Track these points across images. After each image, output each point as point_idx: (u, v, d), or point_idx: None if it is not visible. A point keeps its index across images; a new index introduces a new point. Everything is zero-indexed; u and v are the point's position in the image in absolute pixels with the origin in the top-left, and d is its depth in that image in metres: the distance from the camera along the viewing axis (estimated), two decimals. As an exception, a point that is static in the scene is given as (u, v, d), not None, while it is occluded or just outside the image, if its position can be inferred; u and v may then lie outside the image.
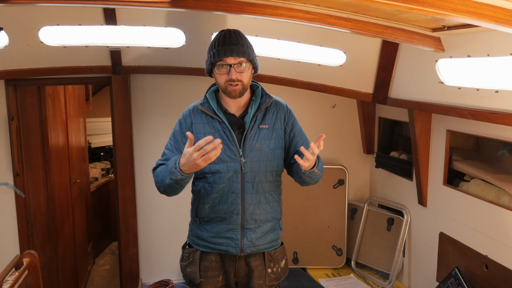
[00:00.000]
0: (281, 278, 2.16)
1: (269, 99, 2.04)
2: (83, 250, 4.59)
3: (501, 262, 2.23)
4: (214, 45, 1.94)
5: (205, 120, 2.02)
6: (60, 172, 3.84)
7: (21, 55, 2.85)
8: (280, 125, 2.07)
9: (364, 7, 1.82)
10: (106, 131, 5.79)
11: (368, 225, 3.53)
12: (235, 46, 1.90)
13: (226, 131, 1.98)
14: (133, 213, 3.54)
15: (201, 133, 2.00)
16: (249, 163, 1.99)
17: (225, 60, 1.91)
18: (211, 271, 2.08)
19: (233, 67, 1.91)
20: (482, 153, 2.89)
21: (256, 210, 2.01)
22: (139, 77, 3.45)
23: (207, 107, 2.01)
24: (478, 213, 2.41)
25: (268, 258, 2.11)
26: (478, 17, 1.27)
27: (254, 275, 2.08)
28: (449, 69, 2.22)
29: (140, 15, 2.58)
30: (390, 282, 3.24)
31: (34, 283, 2.27)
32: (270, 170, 2.05)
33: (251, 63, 1.98)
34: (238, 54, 1.90)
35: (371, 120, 3.59)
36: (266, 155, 2.02)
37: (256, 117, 2.02)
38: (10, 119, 3.25)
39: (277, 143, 2.05)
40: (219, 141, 1.72)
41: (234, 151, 1.98)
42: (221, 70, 1.93)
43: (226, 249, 2.03)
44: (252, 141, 2.00)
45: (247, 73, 1.96)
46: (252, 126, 2.00)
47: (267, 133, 2.03)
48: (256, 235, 2.03)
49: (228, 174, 1.98)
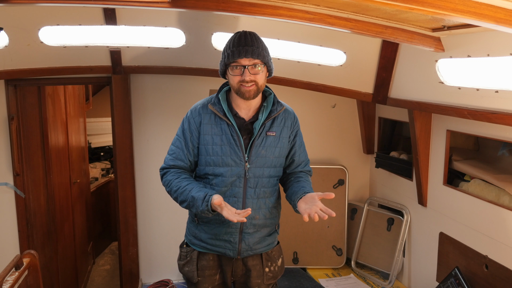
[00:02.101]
0: (278, 277, 2.17)
1: (281, 107, 2.02)
2: (83, 250, 4.59)
3: (501, 262, 2.23)
4: (229, 46, 1.91)
5: (214, 121, 1.99)
6: (60, 172, 3.84)
7: (21, 55, 2.85)
8: (286, 134, 2.05)
9: (364, 7, 1.82)
10: (106, 131, 5.80)
11: (368, 225, 3.53)
12: (250, 47, 1.87)
13: (234, 135, 1.96)
14: (133, 213, 3.54)
15: (208, 134, 1.98)
16: (253, 169, 1.98)
17: (239, 61, 1.88)
18: (208, 270, 2.09)
19: (247, 69, 1.88)
20: (482, 153, 2.89)
21: (256, 216, 2.01)
22: (139, 77, 3.45)
23: (218, 108, 1.98)
24: (478, 213, 2.41)
25: (266, 258, 2.11)
26: (478, 17, 1.27)
27: (252, 275, 2.09)
28: (449, 69, 2.22)
29: (140, 15, 2.58)
30: (390, 282, 3.24)
31: (34, 283, 2.27)
32: (272, 176, 2.05)
33: (266, 66, 1.95)
34: (253, 56, 1.87)
35: (371, 120, 3.59)
36: (270, 162, 2.02)
37: (265, 124, 2.00)
38: (10, 119, 3.25)
39: (282, 151, 2.05)
40: (249, 212, 1.77)
41: (240, 156, 1.96)
42: (235, 71, 1.90)
43: (223, 251, 2.04)
44: (258, 147, 1.98)
45: (261, 75, 1.93)
46: (260, 132, 1.98)
47: (274, 141, 2.01)
48: (254, 239, 2.04)
49: (231, 179, 1.97)
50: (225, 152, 1.96)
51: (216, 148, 1.97)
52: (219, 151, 1.96)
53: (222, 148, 1.96)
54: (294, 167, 2.14)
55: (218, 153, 1.97)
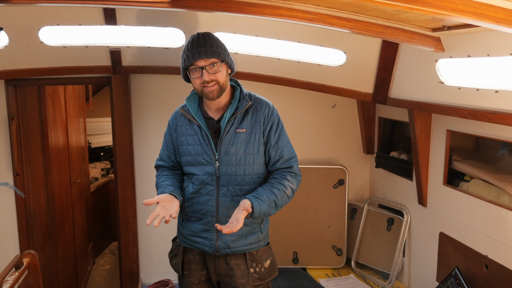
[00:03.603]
0: (266, 279, 2.11)
1: (246, 102, 1.99)
2: (83, 250, 4.59)
3: (501, 262, 2.23)
4: (185, 50, 1.95)
5: (187, 123, 2.07)
6: (60, 172, 3.84)
7: (21, 55, 2.85)
8: (258, 129, 2.01)
9: (364, 7, 1.82)
10: (106, 131, 5.80)
11: (368, 225, 3.54)
12: (203, 48, 1.89)
13: (204, 135, 2.02)
14: (133, 213, 3.54)
15: (184, 136, 2.07)
16: (224, 167, 1.99)
17: (196, 63, 1.91)
18: (194, 265, 2.14)
19: (205, 69, 1.90)
20: (482, 153, 2.89)
21: (230, 214, 1.98)
22: (139, 77, 3.45)
23: (187, 111, 2.05)
24: (478, 213, 2.41)
25: (250, 258, 2.08)
26: (478, 17, 1.27)
27: (236, 274, 2.07)
28: (449, 69, 2.22)
29: (140, 15, 2.58)
30: (390, 282, 3.24)
31: (34, 283, 2.27)
32: (248, 174, 2.02)
33: (225, 63, 1.96)
34: (207, 56, 1.89)
35: (371, 120, 3.59)
36: (242, 159, 1.99)
37: (233, 120, 1.99)
38: (10, 119, 3.25)
39: (254, 147, 2.00)
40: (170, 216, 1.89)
41: (209, 154, 2.00)
42: (194, 74, 1.93)
43: (202, 247, 2.08)
44: (227, 145, 1.99)
45: (221, 73, 1.94)
46: (228, 130, 1.98)
47: (244, 138, 1.99)
48: (231, 237, 2.02)
49: (203, 177, 2.02)
50: (198, 152, 2.03)
51: (190, 148, 2.05)
52: (192, 151, 2.04)
53: (195, 148, 2.03)
54: (272, 164, 2.06)
55: (192, 153, 2.04)
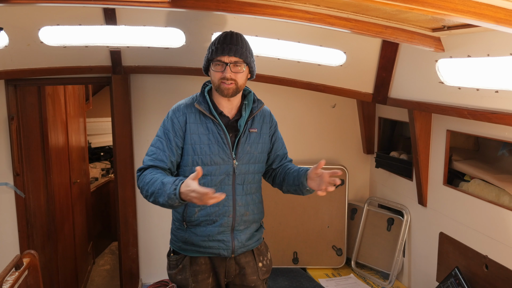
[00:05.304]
0: (270, 270, 2.21)
1: (261, 104, 2.09)
2: (83, 250, 4.59)
3: (501, 262, 2.23)
4: (214, 43, 1.96)
5: (199, 120, 2.00)
6: (60, 172, 3.84)
7: (21, 55, 2.85)
8: (266, 129, 2.12)
9: (364, 7, 1.82)
10: (106, 131, 5.79)
11: (368, 225, 3.53)
12: (234, 46, 1.92)
13: (221, 133, 1.99)
14: (133, 213, 3.54)
15: (195, 134, 1.99)
16: (241, 166, 2.02)
17: (222, 58, 1.92)
18: (201, 275, 2.06)
19: (229, 66, 1.92)
20: (482, 153, 2.89)
21: (246, 212, 2.05)
22: (139, 77, 3.45)
23: (204, 107, 2.00)
24: (478, 213, 2.41)
25: (257, 253, 2.15)
26: (478, 17, 1.28)
27: (247, 272, 2.10)
28: (449, 69, 2.22)
29: (140, 15, 2.58)
30: (390, 282, 3.24)
31: (34, 283, 2.27)
32: (257, 172, 2.11)
33: (248, 66, 1.99)
34: (235, 54, 1.92)
35: (371, 120, 3.59)
36: (255, 158, 2.07)
37: (251, 120, 2.06)
38: (10, 119, 3.25)
39: (264, 146, 2.11)
40: (223, 197, 1.65)
41: (228, 153, 1.99)
42: (216, 67, 1.95)
43: (217, 252, 2.03)
44: (244, 144, 2.03)
45: (242, 75, 1.96)
46: (244, 129, 2.04)
47: (256, 137, 2.07)
48: (246, 235, 2.07)
49: (220, 177, 2.00)
50: (214, 151, 1.98)
51: (204, 147, 1.98)
52: (207, 150, 1.98)
53: (210, 146, 1.98)
54: (280, 160, 2.21)
55: (207, 152, 1.98)
